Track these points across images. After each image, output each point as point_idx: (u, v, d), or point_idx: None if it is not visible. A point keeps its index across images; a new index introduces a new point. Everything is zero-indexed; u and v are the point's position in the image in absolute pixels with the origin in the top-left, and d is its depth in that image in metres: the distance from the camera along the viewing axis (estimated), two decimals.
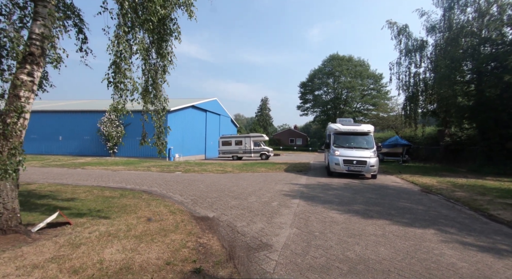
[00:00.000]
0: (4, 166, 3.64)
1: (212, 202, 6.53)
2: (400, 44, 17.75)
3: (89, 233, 4.05)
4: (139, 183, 9.23)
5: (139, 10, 3.82)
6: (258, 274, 3.02)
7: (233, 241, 4.06)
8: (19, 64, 3.91)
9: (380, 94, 47.93)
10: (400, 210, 6.06)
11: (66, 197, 6.69)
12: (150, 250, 3.51)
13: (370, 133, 12.70)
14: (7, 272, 2.80)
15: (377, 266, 3.21)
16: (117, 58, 3.74)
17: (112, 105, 3.93)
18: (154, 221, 4.78)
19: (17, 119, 3.78)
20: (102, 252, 3.38)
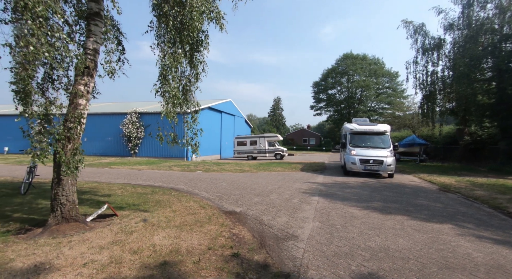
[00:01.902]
0: (67, 164, 4.24)
1: (237, 198, 6.99)
2: (417, 43, 17.59)
3: (135, 223, 4.61)
4: (165, 181, 9.87)
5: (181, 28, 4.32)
6: (289, 259, 3.43)
7: (262, 232, 4.49)
8: (77, 77, 4.51)
9: (396, 93, 47.02)
10: (417, 207, 6.29)
11: (105, 193, 7.36)
12: (192, 238, 4.00)
13: (386, 133, 12.79)
14: (82, 251, 3.36)
15: (397, 254, 3.55)
16: (164, 71, 4.26)
17: (163, 112, 4.46)
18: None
19: (77, 124, 4.38)
20: (152, 238, 3.91)
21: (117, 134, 23.67)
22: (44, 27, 2.97)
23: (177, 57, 4.56)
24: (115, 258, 3.20)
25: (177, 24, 4.35)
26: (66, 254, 3.27)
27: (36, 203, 6.04)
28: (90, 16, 4.67)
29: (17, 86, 4.87)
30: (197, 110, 5.35)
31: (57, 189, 4.37)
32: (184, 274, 2.89)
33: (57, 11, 3.05)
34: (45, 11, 2.86)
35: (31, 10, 2.71)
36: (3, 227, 4.36)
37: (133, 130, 22.76)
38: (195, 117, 5.30)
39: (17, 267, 2.90)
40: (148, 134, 9.12)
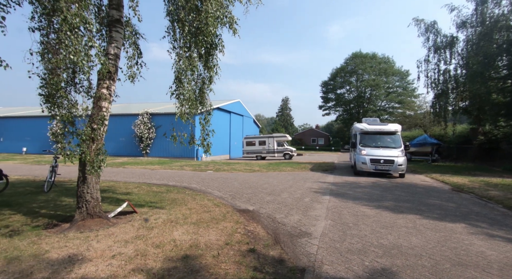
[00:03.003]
0: (92, 164, 4.50)
1: (249, 197, 7.16)
2: (428, 41, 17.31)
3: (155, 220, 4.83)
4: (178, 180, 10.14)
5: (196, 32, 4.52)
6: (304, 255, 3.57)
7: (276, 229, 4.63)
8: (100, 80, 4.77)
9: (407, 92, 46.25)
10: (430, 206, 6.29)
11: (122, 191, 7.66)
12: (209, 234, 4.19)
13: (397, 132, 12.71)
14: (109, 244, 3.59)
15: (409, 251, 3.63)
16: (179, 74, 4.47)
17: (178, 113, 4.68)
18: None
19: (101, 126, 4.64)
20: (171, 234, 4.11)
21: (129, 135, 24.25)
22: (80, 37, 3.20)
23: (192, 61, 4.76)
24: (140, 251, 3.41)
25: (192, 29, 4.55)
26: (95, 247, 3.50)
27: (60, 200, 6.37)
28: (111, 23, 4.92)
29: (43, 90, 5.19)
30: (209, 112, 5.54)
31: (82, 187, 4.64)
32: (205, 267, 3.07)
33: (90, 22, 3.28)
34: (81, 22, 3.10)
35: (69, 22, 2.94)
36: (33, 222, 4.66)
37: (145, 131, 23.27)
38: (207, 118, 5.49)
39: (53, 258, 3.15)
40: (163, 135, 9.37)
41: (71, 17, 2.94)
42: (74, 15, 2.97)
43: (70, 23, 2.97)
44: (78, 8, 3.04)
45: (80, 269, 2.88)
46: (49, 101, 5.40)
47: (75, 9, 2.99)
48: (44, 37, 4.79)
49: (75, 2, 3.02)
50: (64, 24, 2.97)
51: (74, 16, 2.97)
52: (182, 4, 4.40)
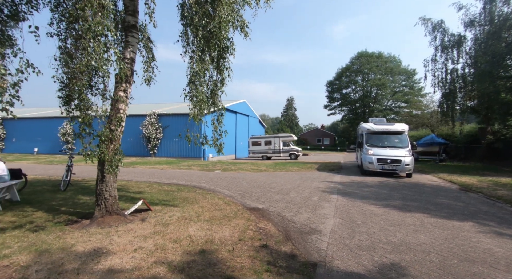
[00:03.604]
0: (110, 163, 4.72)
1: (258, 196, 7.32)
2: (435, 40, 17.20)
3: (169, 217, 5.03)
4: (187, 179, 10.36)
5: (209, 37, 4.70)
6: (314, 250, 3.71)
7: (286, 226, 4.78)
8: (117, 84, 4.99)
9: (413, 91, 45.83)
10: (437, 205, 6.36)
11: (134, 190, 7.90)
12: (222, 230, 4.36)
13: (404, 132, 12.72)
14: (129, 239, 3.80)
15: (417, 248, 3.74)
16: (192, 77, 4.66)
17: (191, 115, 4.87)
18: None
19: (118, 127, 4.86)
20: (187, 230, 4.30)
21: (137, 135, 24.65)
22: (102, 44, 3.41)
23: (205, 64, 4.94)
24: (159, 245, 3.60)
25: (205, 34, 4.73)
26: (117, 241, 3.71)
27: (77, 198, 6.63)
28: (127, 28, 5.14)
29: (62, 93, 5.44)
30: (222, 113, 5.72)
31: (101, 185, 4.86)
32: (222, 261, 3.24)
33: (111, 29, 3.49)
34: (103, 29, 3.30)
35: (93, 30, 3.15)
36: (55, 218, 4.90)
37: (152, 131, 23.64)
38: (220, 119, 5.67)
39: (80, 251, 3.36)
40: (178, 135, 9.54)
41: (94, 25, 3.14)
42: (97, 24, 3.17)
43: (94, 31, 3.18)
44: (101, 17, 3.24)
45: (106, 261, 3.08)
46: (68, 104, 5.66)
47: (99, 18, 3.19)
48: (61, 42, 5.04)
49: (98, 12, 3.22)
50: (88, 32, 3.17)
51: (97, 24, 3.17)
52: (196, 10, 4.58)
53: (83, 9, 3.10)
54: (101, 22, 3.20)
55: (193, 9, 4.60)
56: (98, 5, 3.19)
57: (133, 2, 5.16)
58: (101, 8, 3.24)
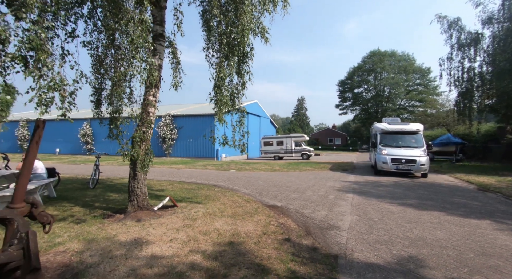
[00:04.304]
0: (142, 162, 5.12)
1: (275, 194, 7.59)
2: (451, 38, 16.88)
3: (195, 213, 5.38)
4: (205, 178, 10.76)
5: (233, 44, 5.02)
6: (334, 244, 3.95)
7: (305, 222, 5.03)
8: (147, 89, 5.39)
9: (428, 90, 44.82)
10: (454, 204, 6.43)
11: (157, 188, 8.34)
12: (246, 225, 4.66)
13: (419, 132, 12.66)
14: (163, 231, 4.16)
15: (435, 243, 3.91)
16: (218, 82, 4.99)
17: (216, 117, 5.21)
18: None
19: (149, 129, 5.26)
20: (213, 224, 4.62)
21: (153, 136, 25.38)
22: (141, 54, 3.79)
23: (229, 69, 5.27)
24: (191, 237, 3.95)
25: (229, 41, 5.05)
26: (153, 233, 4.08)
27: (107, 195, 7.11)
28: (155, 37, 5.54)
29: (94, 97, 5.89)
30: (243, 115, 6.03)
31: (133, 182, 5.28)
32: (250, 251, 3.54)
33: (149, 41, 3.86)
34: (143, 42, 3.68)
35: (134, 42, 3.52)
36: (91, 213, 5.35)
37: (167, 132, 24.34)
38: (242, 121, 5.98)
39: (123, 240, 3.74)
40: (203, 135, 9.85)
41: (136, 38, 3.52)
42: (138, 37, 3.54)
43: (135, 44, 3.55)
44: (140, 31, 3.61)
45: (148, 249, 3.44)
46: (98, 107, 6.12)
47: (139, 32, 3.56)
48: (93, 50, 5.49)
49: (138, 26, 3.59)
50: (131, 45, 3.55)
51: (138, 38, 3.54)
52: (220, 19, 4.92)
53: (126, 25, 3.48)
54: (141, 35, 3.57)
55: (217, 18, 4.93)
56: (139, 20, 3.57)
57: (160, 12, 5.56)
58: (141, 23, 3.61)
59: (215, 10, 4.93)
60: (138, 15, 3.53)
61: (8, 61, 2.47)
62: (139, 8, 3.60)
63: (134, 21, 3.48)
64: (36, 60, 2.60)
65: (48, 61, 2.67)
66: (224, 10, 5.06)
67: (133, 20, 3.46)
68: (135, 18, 3.49)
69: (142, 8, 3.64)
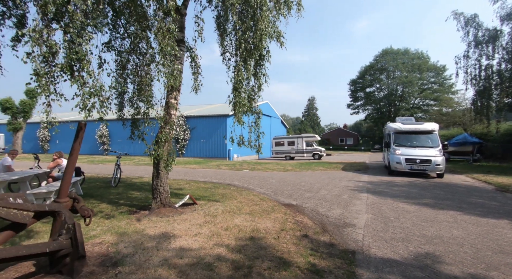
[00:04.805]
0: (165, 161, 5.41)
1: (290, 193, 7.75)
2: (468, 35, 16.48)
3: (214, 210, 5.62)
4: (220, 178, 11.04)
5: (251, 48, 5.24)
6: (351, 241, 4.08)
7: (321, 220, 5.18)
8: (169, 92, 5.68)
9: (443, 88, 43.64)
10: (471, 204, 6.40)
11: (175, 187, 8.66)
12: (264, 222, 4.86)
13: (434, 131, 12.48)
14: (187, 226, 4.42)
15: (451, 241, 3.98)
16: (236, 85, 5.22)
17: (235, 119, 5.44)
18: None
19: (171, 130, 5.55)
20: (233, 221, 4.85)
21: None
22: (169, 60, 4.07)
23: (247, 73, 5.48)
24: (214, 232, 4.18)
25: (247, 46, 5.27)
26: (178, 228, 4.34)
27: (129, 193, 7.48)
28: (177, 43, 5.82)
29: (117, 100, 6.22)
30: (259, 116, 6.24)
31: (157, 181, 5.58)
32: (270, 246, 3.73)
33: (175, 48, 4.13)
34: (171, 50, 3.95)
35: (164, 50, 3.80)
36: (117, 209, 5.69)
37: (181, 132, 24.88)
38: (258, 122, 6.19)
39: (151, 234, 4.02)
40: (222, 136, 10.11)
41: (165, 46, 3.79)
42: (166, 45, 3.81)
43: (163, 51, 3.82)
44: (168, 39, 3.88)
45: (176, 242, 3.70)
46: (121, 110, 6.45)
47: (166, 40, 3.83)
48: (117, 56, 5.83)
49: (166, 35, 3.86)
50: (160, 53, 3.83)
51: (166, 46, 3.81)
52: (239, 25, 5.14)
53: (156, 34, 3.76)
54: (169, 44, 3.84)
55: (236, 25, 5.16)
56: (166, 30, 3.84)
57: (181, 19, 5.84)
58: (168, 32, 3.88)
59: (233, 17, 5.16)
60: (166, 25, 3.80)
61: (58, 71, 2.77)
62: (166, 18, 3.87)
63: (163, 31, 3.75)
64: (80, 69, 2.89)
65: (90, 70, 2.96)
66: (242, 17, 5.28)
67: (162, 30, 3.73)
68: (163, 28, 3.77)
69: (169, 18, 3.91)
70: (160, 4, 3.92)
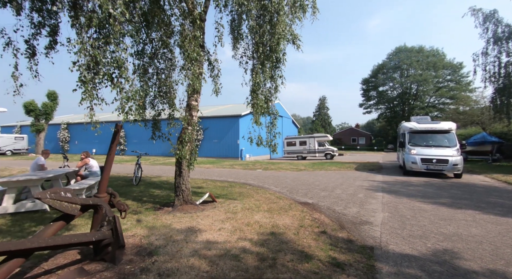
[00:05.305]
0: (188, 161, 5.69)
1: (305, 192, 7.90)
2: (487, 32, 16.02)
3: (234, 207, 5.86)
4: (235, 177, 11.30)
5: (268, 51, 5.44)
6: (369, 237, 4.21)
7: (338, 218, 5.31)
8: (190, 94, 5.97)
9: (460, 86, 42.35)
10: (490, 204, 6.34)
11: (193, 185, 8.97)
12: (283, 219, 5.05)
13: (451, 131, 12.27)
14: (210, 222, 4.67)
15: (470, 238, 4.04)
16: (254, 87, 5.44)
17: (253, 119, 5.67)
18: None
19: (193, 130, 5.83)
20: (253, 217, 5.06)
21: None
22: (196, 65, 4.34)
23: (265, 75, 5.69)
24: (236, 227, 4.41)
25: (265, 49, 5.48)
26: (202, 223, 4.60)
27: (151, 191, 7.85)
28: None
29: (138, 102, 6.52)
30: (276, 117, 6.43)
31: (179, 179, 5.88)
32: (291, 240, 3.92)
33: (200, 54, 4.40)
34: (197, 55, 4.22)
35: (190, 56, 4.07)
36: (142, 206, 6.03)
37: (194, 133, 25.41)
38: (274, 122, 6.38)
39: (178, 228, 4.30)
40: (241, 137, 10.41)
41: (191, 52, 4.05)
42: (193, 52, 4.08)
43: (190, 57, 4.09)
44: (194, 45, 4.15)
45: (202, 236, 3.96)
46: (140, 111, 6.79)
47: (192, 47, 4.10)
48: (139, 60, 6.16)
49: (192, 42, 4.12)
50: (187, 59, 4.10)
51: (193, 52, 4.08)
52: (256, 30, 5.36)
53: (183, 41, 4.03)
54: (195, 50, 4.10)
55: (254, 29, 5.38)
56: (192, 37, 4.10)
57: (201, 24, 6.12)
58: (194, 39, 4.14)
59: (251, 21, 5.38)
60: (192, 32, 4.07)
61: (100, 78, 3.08)
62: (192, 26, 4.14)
63: (189, 38, 4.01)
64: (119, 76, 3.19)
65: (127, 76, 3.25)
66: (259, 21, 5.49)
67: (188, 37, 4.00)
68: (190, 35, 4.03)
69: (195, 26, 4.17)
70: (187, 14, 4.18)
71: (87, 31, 3.05)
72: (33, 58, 5.02)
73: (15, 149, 30.60)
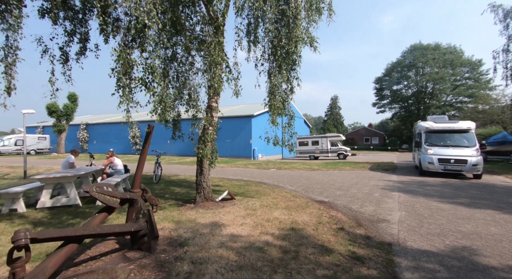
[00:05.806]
0: (210, 159, 5.97)
1: (320, 191, 8.03)
2: (508, 28, 15.51)
3: (252, 204, 6.08)
4: (250, 176, 11.54)
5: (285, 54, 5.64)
6: (387, 234, 4.32)
7: (355, 216, 5.43)
8: (212, 97, 6.24)
9: (479, 84, 40.88)
10: (511, 204, 6.26)
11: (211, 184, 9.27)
12: (301, 215, 5.22)
13: (470, 130, 12.00)
14: (232, 217, 4.92)
15: (488, 237, 4.09)
16: (272, 89, 5.65)
17: (270, 120, 5.88)
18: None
19: (214, 131, 6.11)
20: (272, 214, 5.27)
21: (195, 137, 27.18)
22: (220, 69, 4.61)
23: (282, 77, 5.89)
24: (257, 223, 4.63)
25: (283, 53, 5.68)
26: (224, 218, 4.85)
27: (171, 189, 8.21)
28: None
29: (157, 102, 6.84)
30: (292, 117, 6.61)
31: (200, 177, 6.17)
32: (311, 236, 4.10)
33: (224, 58, 4.66)
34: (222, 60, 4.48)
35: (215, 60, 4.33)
36: (166, 202, 6.35)
37: None
38: (291, 123, 6.56)
39: (203, 222, 4.57)
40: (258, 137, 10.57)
41: (216, 57, 4.31)
42: (217, 56, 4.34)
43: (215, 61, 4.35)
44: (218, 50, 4.40)
45: (226, 230, 4.20)
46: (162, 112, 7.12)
47: (217, 51, 4.36)
48: (168, 66, 6.49)
49: (216, 47, 4.38)
50: (213, 63, 4.36)
51: (218, 56, 4.34)
52: (275, 34, 5.57)
53: (209, 47, 4.30)
54: (219, 54, 4.36)
55: (272, 33, 5.59)
56: (217, 42, 4.36)
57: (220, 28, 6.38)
58: (218, 44, 4.40)
59: (269, 26, 5.59)
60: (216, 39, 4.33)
61: (136, 83, 3.38)
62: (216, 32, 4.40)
63: (214, 44, 4.27)
64: (152, 81, 3.48)
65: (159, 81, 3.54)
66: (277, 26, 5.69)
67: (213, 43, 4.26)
68: (215, 41, 4.29)
69: (218, 32, 4.43)
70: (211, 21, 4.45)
71: (124, 40, 3.35)
72: (66, 64, 5.45)
73: (38, 148, 32.17)
